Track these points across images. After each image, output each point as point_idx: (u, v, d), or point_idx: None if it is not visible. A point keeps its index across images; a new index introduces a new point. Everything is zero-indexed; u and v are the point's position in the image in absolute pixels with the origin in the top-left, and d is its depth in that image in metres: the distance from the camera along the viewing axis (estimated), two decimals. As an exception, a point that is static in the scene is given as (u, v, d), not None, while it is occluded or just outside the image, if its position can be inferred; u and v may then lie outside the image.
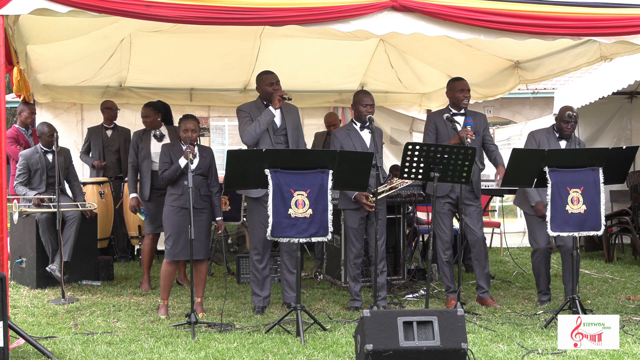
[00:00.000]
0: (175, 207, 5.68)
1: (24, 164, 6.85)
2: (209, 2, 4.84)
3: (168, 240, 5.70)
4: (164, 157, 5.76)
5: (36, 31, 6.18)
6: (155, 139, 6.74)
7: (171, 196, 5.74)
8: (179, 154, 5.68)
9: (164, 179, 5.73)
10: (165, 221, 5.75)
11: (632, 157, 5.52)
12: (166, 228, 5.74)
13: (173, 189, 5.73)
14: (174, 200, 5.70)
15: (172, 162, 5.69)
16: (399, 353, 4.18)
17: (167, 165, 5.71)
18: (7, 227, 4.87)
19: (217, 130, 16.40)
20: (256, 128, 5.76)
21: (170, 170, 5.67)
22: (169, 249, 5.70)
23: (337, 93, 10.13)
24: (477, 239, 6.11)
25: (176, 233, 5.65)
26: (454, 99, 6.20)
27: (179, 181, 5.67)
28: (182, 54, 8.40)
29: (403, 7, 5.09)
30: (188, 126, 5.67)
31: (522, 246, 9.61)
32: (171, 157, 5.72)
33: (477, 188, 6.16)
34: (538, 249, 6.18)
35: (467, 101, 6.18)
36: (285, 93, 5.78)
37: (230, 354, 4.61)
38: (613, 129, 9.75)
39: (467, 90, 6.19)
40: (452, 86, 6.25)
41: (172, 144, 5.87)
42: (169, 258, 5.72)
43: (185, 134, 5.66)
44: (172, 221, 5.68)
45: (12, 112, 14.69)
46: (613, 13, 5.33)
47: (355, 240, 6.02)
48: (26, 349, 4.65)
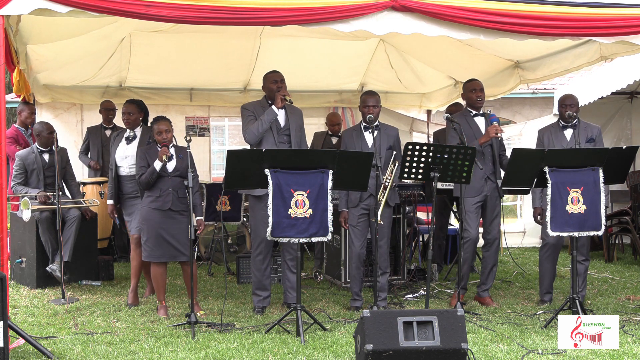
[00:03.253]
0: (152, 209, 5.66)
1: (20, 164, 6.83)
2: (209, 2, 4.84)
3: (147, 242, 5.68)
4: (141, 161, 5.74)
5: (36, 31, 6.18)
6: (125, 140, 6.27)
7: (148, 198, 5.70)
8: (155, 156, 5.66)
9: (142, 183, 5.70)
10: (144, 223, 5.72)
11: (632, 157, 5.52)
12: (145, 230, 5.72)
13: (150, 191, 5.70)
14: (152, 202, 5.67)
15: (149, 166, 5.67)
16: (399, 353, 4.18)
17: (144, 169, 5.69)
18: (7, 227, 4.87)
19: (217, 130, 16.43)
20: (259, 127, 5.77)
21: (147, 173, 5.64)
22: (150, 251, 5.67)
23: (337, 93, 10.13)
24: (494, 239, 6.17)
25: (154, 235, 5.64)
26: (468, 100, 6.26)
27: (156, 184, 5.66)
28: (182, 54, 8.40)
29: (403, 7, 5.09)
30: (161, 128, 5.68)
31: (522, 246, 9.61)
32: (147, 160, 5.70)
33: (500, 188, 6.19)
34: (547, 243, 6.19)
35: (481, 101, 6.22)
36: (287, 94, 5.78)
37: (230, 354, 4.61)
38: (613, 129, 9.75)
39: (480, 89, 6.22)
40: (465, 87, 6.31)
41: (148, 147, 5.83)
42: (149, 260, 5.71)
43: (159, 136, 5.67)
44: (150, 223, 5.66)
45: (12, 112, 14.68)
46: (613, 13, 5.33)
47: (355, 238, 6.01)
48: (26, 349, 4.65)
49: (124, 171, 6.19)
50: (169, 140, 5.67)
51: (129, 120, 6.30)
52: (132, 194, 6.16)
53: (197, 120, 10.11)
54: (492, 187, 6.09)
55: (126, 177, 6.18)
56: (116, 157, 6.23)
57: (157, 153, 5.66)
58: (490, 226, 6.17)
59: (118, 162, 6.21)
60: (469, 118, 6.16)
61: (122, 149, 6.23)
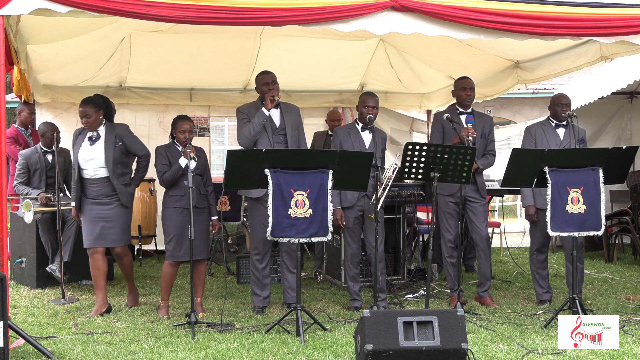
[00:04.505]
0: (177, 208, 5.68)
1: (24, 163, 6.86)
2: (209, 2, 4.84)
3: (171, 242, 5.70)
4: (162, 159, 5.75)
5: (36, 31, 6.18)
6: (89, 141, 5.78)
7: (172, 197, 5.73)
8: (176, 154, 5.69)
9: (165, 180, 5.71)
10: (167, 222, 5.73)
11: (632, 157, 5.52)
12: (168, 230, 5.72)
13: (173, 191, 5.73)
14: (176, 202, 5.69)
15: (170, 164, 5.69)
16: (399, 353, 4.18)
17: (165, 167, 5.71)
18: (7, 227, 4.87)
19: (217, 130, 16.41)
20: (250, 130, 5.77)
21: (172, 171, 5.67)
22: (172, 251, 5.69)
23: (337, 93, 10.12)
24: (481, 237, 6.11)
25: (179, 234, 5.65)
26: (458, 98, 6.23)
27: (179, 182, 5.68)
28: (182, 54, 8.40)
29: (403, 7, 5.09)
30: (185, 127, 5.72)
31: (522, 246, 9.61)
32: (169, 158, 5.72)
33: (482, 187, 6.17)
34: (538, 243, 6.20)
35: (470, 100, 6.19)
36: (276, 94, 5.76)
37: (230, 354, 4.61)
38: (613, 129, 9.75)
39: (470, 88, 6.20)
40: (456, 85, 6.28)
41: (167, 146, 5.84)
42: (171, 260, 5.72)
43: (182, 135, 5.70)
44: (175, 222, 5.68)
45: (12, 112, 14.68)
46: (613, 13, 5.33)
47: (350, 240, 6.02)
48: (26, 349, 4.65)
49: (88, 174, 5.76)
50: (191, 139, 5.72)
51: (88, 123, 5.75)
52: (98, 198, 5.75)
53: (197, 120, 10.09)
54: (470, 188, 6.00)
55: (90, 179, 5.75)
56: (79, 159, 5.76)
57: (177, 151, 5.71)
58: (476, 227, 6.11)
59: (82, 165, 5.76)
60: (455, 116, 6.12)
61: (86, 150, 5.77)
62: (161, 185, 5.86)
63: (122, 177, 5.83)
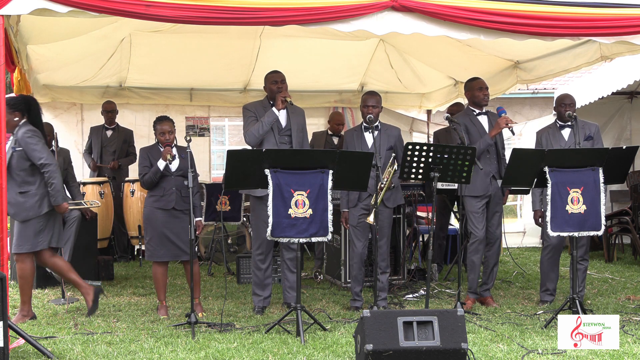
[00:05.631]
0: (156, 208, 5.68)
1: None
2: (209, 2, 4.84)
3: (150, 242, 5.71)
4: (143, 161, 5.74)
5: (36, 31, 6.19)
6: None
7: (151, 197, 5.73)
8: (158, 156, 5.68)
9: (145, 182, 5.72)
10: (147, 222, 5.74)
11: (632, 157, 5.52)
12: (147, 230, 5.74)
13: (153, 191, 5.72)
14: (155, 202, 5.69)
15: (151, 165, 5.69)
16: (399, 353, 4.18)
17: (146, 169, 5.71)
18: (7, 227, 4.87)
19: (217, 130, 16.41)
20: (259, 129, 5.77)
21: (150, 173, 5.66)
22: (152, 251, 5.70)
23: (337, 93, 10.13)
24: (497, 238, 6.20)
25: (157, 235, 5.66)
26: (474, 98, 6.22)
27: (159, 183, 5.68)
28: (182, 54, 8.41)
29: (403, 7, 5.09)
30: (164, 128, 5.71)
31: (522, 246, 9.62)
32: (150, 160, 5.71)
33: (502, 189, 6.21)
34: (549, 245, 6.19)
35: (487, 99, 6.23)
36: (287, 95, 5.77)
37: (230, 354, 4.61)
38: (613, 129, 9.74)
39: (486, 88, 6.24)
40: (470, 85, 6.27)
41: (150, 147, 5.83)
42: (151, 259, 5.74)
43: (162, 137, 5.69)
44: (154, 222, 5.68)
45: (12, 112, 14.68)
46: (613, 13, 5.33)
47: (355, 238, 6.01)
48: (26, 349, 4.65)
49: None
50: (172, 140, 5.69)
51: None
52: None
53: (197, 120, 10.11)
54: (496, 186, 6.09)
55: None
56: None
57: (159, 153, 5.68)
58: (492, 225, 6.16)
59: None
60: (472, 117, 6.15)
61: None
62: (142, 186, 5.88)
63: (22, 186, 5.35)
